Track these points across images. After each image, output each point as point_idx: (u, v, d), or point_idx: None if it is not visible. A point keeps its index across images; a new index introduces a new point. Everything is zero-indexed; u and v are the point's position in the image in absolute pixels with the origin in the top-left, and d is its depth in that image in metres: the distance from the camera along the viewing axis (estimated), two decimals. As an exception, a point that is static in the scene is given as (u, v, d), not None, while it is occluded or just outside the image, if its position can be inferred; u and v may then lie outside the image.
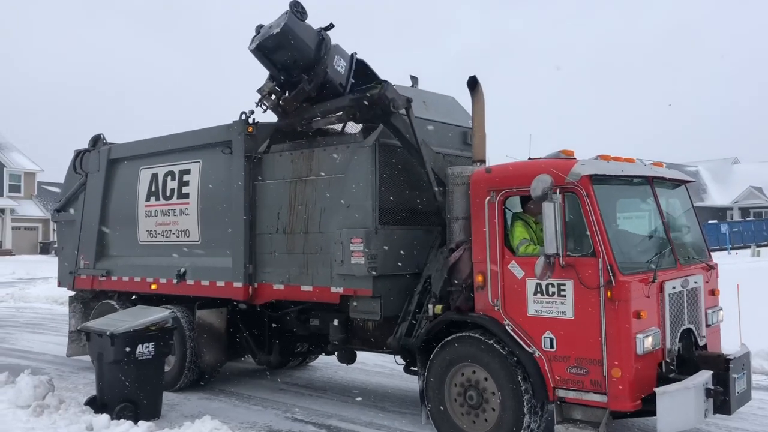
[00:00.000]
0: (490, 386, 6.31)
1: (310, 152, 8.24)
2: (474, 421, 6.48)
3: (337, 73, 8.05)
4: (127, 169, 10.38)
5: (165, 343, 8.14)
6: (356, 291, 7.58)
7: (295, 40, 7.69)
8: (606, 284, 5.72)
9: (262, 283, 8.62)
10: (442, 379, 6.64)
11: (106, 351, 7.78)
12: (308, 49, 7.79)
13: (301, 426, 7.71)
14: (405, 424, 7.66)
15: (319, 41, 7.89)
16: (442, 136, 8.43)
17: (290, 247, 8.31)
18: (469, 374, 6.48)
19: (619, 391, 5.67)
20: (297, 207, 8.27)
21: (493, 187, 6.42)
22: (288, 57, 7.84)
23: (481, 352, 6.35)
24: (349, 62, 8.24)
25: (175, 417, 7.94)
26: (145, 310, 8.68)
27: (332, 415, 8.10)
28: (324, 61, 7.86)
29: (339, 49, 8.14)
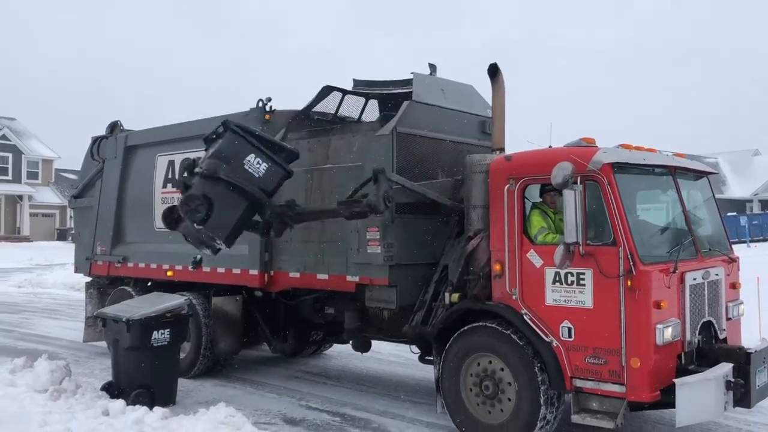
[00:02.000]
0: (507, 377, 6.27)
1: (327, 140, 8.21)
2: (489, 411, 6.45)
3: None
4: (144, 156, 10.40)
5: (180, 329, 8.14)
6: (372, 280, 7.55)
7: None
8: (626, 273, 5.65)
9: (278, 271, 8.62)
10: (457, 368, 6.60)
11: (122, 337, 7.81)
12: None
13: (315, 414, 7.73)
14: (419, 413, 7.65)
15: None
16: (460, 124, 8.36)
17: (306, 235, 8.29)
18: (485, 364, 6.43)
19: (638, 381, 5.61)
20: (314, 195, 8.24)
21: (513, 175, 6.36)
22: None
23: (498, 343, 6.31)
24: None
25: (190, 403, 7.97)
26: (161, 297, 8.70)
27: (346, 404, 8.11)
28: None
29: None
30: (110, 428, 6.65)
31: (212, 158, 6.79)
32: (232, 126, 6.84)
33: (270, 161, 6.83)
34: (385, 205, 6.69)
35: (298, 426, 7.32)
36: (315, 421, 7.46)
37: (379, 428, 7.21)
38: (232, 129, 6.80)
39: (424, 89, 8.06)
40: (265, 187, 6.82)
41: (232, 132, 6.80)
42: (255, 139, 6.83)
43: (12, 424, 6.65)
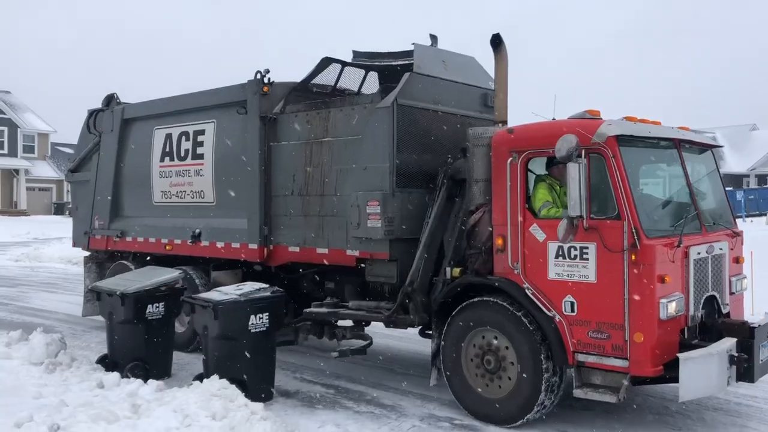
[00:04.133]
0: (509, 353, 6.23)
1: (326, 113, 8.08)
2: (488, 384, 6.43)
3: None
4: (141, 129, 10.28)
5: (175, 303, 8.06)
6: (372, 254, 7.49)
7: None
8: (630, 247, 5.59)
9: (277, 245, 8.55)
10: (459, 341, 6.57)
11: (117, 311, 7.79)
12: None
13: (309, 386, 7.76)
14: (412, 386, 7.68)
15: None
16: (462, 97, 8.24)
17: (306, 209, 8.21)
18: (489, 339, 6.39)
19: (641, 356, 5.58)
20: (313, 169, 8.14)
21: (515, 148, 6.27)
22: None
23: (500, 317, 6.27)
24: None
25: (185, 376, 7.94)
26: (155, 271, 8.68)
27: (341, 376, 8.16)
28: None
29: None
30: (105, 400, 6.65)
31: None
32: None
33: None
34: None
35: (292, 398, 7.33)
36: (309, 393, 7.48)
37: (373, 400, 7.24)
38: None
39: (425, 60, 7.92)
40: None
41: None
42: None
43: (7, 396, 6.68)
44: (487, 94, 8.49)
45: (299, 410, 6.90)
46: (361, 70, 9.35)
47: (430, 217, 7.24)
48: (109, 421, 5.85)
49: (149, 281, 8.00)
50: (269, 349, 7.24)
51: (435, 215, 7.17)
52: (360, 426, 6.43)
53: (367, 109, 7.65)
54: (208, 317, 6.92)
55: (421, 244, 7.14)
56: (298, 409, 6.93)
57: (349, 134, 7.78)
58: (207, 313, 6.94)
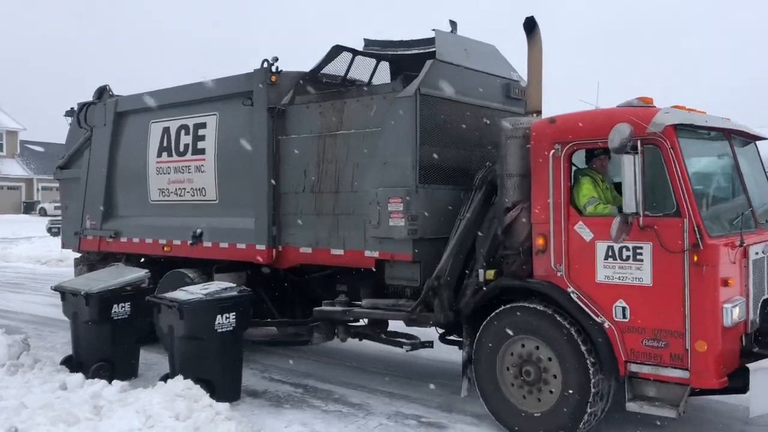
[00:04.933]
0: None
1: (341, 103, 7.52)
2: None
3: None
4: (136, 123, 9.66)
5: (142, 303, 7.79)
6: (393, 255, 6.95)
7: None
8: (692, 248, 5.09)
9: (287, 246, 7.98)
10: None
11: (81, 311, 7.66)
12: None
13: (277, 386, 7.65)
14: (382, 384, 7.57)
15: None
16: (484, 87, 7.72)
17: (319, 207, 7.65)
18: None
19: (704, 366, 5.08)
20: (326, 164, 7.58)
21: (559, 139, 5.74)
22: None
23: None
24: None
25: (152, 376, 7.71)
26: (122, 270, 8.52)
27: (310, 375, 8.04)
28: None
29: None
30: (66, 402, 6.42)
31: None
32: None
33: None
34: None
35: (260, 398, 7.19)
36: (277, 393, 7.37)
37: (341, 399, 7.15)
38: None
39: (447, 48, 7.39)
40: None
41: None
42: None
43: (-35, 400, 6.43)
44: (509, 85, 8.00)
45: (266, 410, 6.80)
46: (373, 59, 8.81)
47: (465, 215, 6.73)
48: (69, 423, 5.73)
49: (115, 281, 7.88)
50: (236, 348, 7.15)
51: (472, 215, 6.67)
52: (327, 425, 6.37)
53: (386, 99, 7.11)
54: (173, 317, 6.85)
55: (453, 241, 6.63)
56: (265, 409, 6.83)
57: (366, 126, 7.23)
58: (172, 313, 6.86)
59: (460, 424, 6.35)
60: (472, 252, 6.77)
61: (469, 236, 6.74)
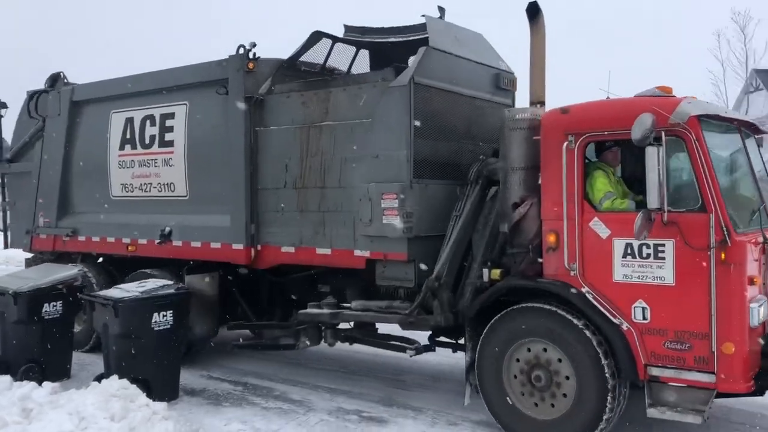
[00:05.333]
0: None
1: (326, 93, 7.05)
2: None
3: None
4: (95, 113, 8.95)
5: (74, 301, 7.65)
6: (387, 255, 6.54)
7: None
8: (718, 245, 4.84)
9: (266, 245, 7.47)
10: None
11: (9, 310, 7.36)
12: None
13: (216, 384, 7.56)
14: (322, 380, 7.57)
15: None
16: (474, 77, 7.37)
17: (302, 204, 7.16)
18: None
19: (732, 369, 4.85)
20: (310, 158, 7.10)
21: (572, 131, 5.41)
22: None
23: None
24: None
25: (86, 377, 7.44)
26: (53, 268, 8.21)
27: (249, 373, 7.95)
28: None
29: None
30: None
31: None
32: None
33: None
34: None
35: (198, 396, 7.10)
36: (216, 391, 7.28)
37: (282, 396, 7.11)
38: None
39: (439, 35, 7.00)
40: None
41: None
42: None
43: None
44: (499, 75, 7.69)
45: (205, 408, 6.73)
46: (353, 47, 8.36)
47: (462, 212, 6.39)
48: (-5, 427, 5.52)
49: (45, 279, 7.57)
50: (174, 347, 6.96)
51: (468, 211, 6.33)
52: (267, 422, 6.31)
53: (377, 88, 6.67)
54: (108, 315, 6.69)
55: (451, 239, 6.27)
56: (203, 407, 6.75)
57: (355, 117, 6.79)
58: (107, 311, 6.70)
59: (400, 417, 6.38)
60: (468, 250, 6.44)
61: (467, 234, 6.40)
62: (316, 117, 7.09)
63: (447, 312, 6.15)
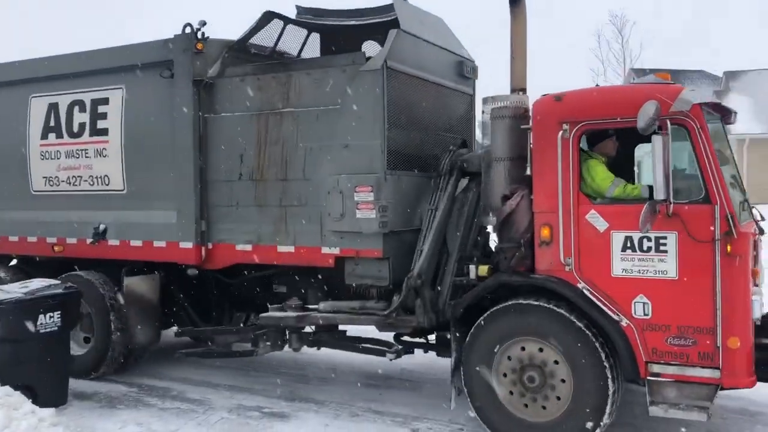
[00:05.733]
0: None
1: (286, 77, 6.51)
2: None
3: None
4: (11, 98, 7.99)
5: None
6: (359, 252, 6.10)
7: None
8: (724, 236, 4.71)
9: (219, 244, 6.85)
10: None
11: None
12: None
13: (110, 386, 7.19)
14: (224, 378, 7.39)
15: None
16: (440, 64, 7.04)
17: (261, 197, 6.61)
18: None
19: (737, 364, 4.73)
20: (270, 147, 6.56)
21: (567, 119, 5.15)
22: None
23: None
24: None
25: None
26: None
27: (145, 374, 7.60)
28: None
29: None
30: None
31: None
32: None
33: None
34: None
35: (90, 400, 6.80)
36: (110, 394, 6.99)
37: (179, 395, 6.92)
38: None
39: (408, 18, 6.61)
40: None
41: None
42: None
43: None
44: (462, 63, 7.40)
45: (97, 412, 6.47)
46: (304, 29, 7.83)
47: (438, 206, 6.03)
48: None
49: None
50: (61, 350, 6.52)
51: (445, 205, 5.98)
52: (164, 423, 6.15)
53: (346, 72, 6.21)
54: None
55: (431, 234, 5.92)
56: (96, 411, 6.49)
57: (321, 104, 6.30)
58: None
59: (302, 411, 6.34)
60: (444, 246, 6.11)
61: (442, 230, 6.07)
62: (275, 102, 6.54)
63: (430, 312, 5.79)
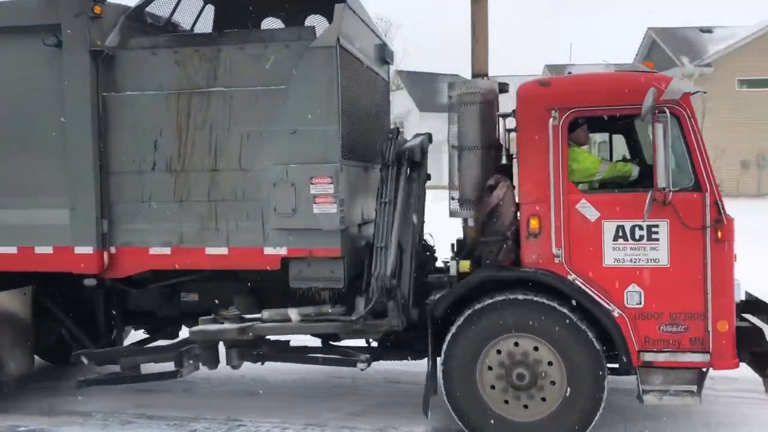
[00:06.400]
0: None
1: (213, 51, 5.62)
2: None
3: None
4: None
5: None
6: (313, 251, 5.43)
7: None
8: (714, 223, 4.81)
9: (126, 247, 5.75)
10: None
11: None
12: None
13: None
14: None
15: None
16: (369, 46, 6.56)
17: (182, 191, 5.66)
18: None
19: (725, 347, 4.85)
20: (194, 132, 5.63)
21: (556, 105, 4.94)
22: None
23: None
24: None
25: None
26: None
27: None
28: None
29: None
30: None
31: None
32: None
33: None
34: None
35: None
36: None
37: None
38: None
39: None
40: None
41: None
42: None
43: None
44: (384, 47, 6.99)
45: None
46: (200, 2, 6.90)
47: (392, 199, 5.53)
48: None
49: None
50: None
51: (403, 196, 5.51)
52: None
53: (291, 48, 5.49)
54: None
55: (394, 230, 5.40)
56: None
57: (260, 83, 5.53)
58: None
59: (66, 426, 5.85)
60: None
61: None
62: (199, 81, 5.62)
63: (402, 315, 5.28)
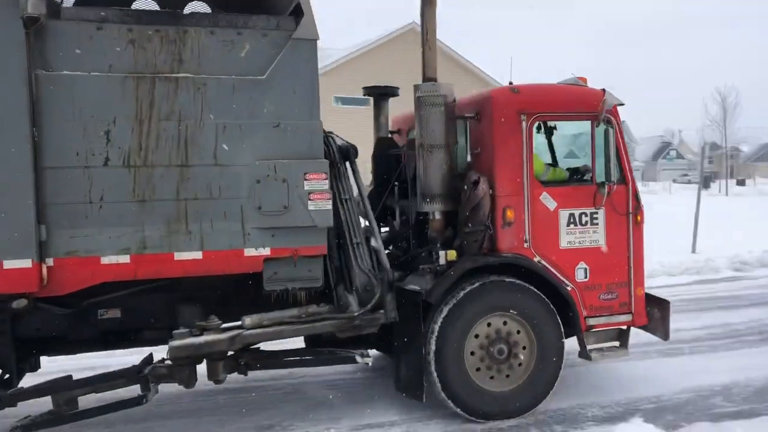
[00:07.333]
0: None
1: (178, 32, 5.04)
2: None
3: None
4: None
5: None
6: (298, 250, 5.25)
7: None
8: (634, 210, 6.02)
9: (70, 258, 4.80)
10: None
11: None
12: None
13: None
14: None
15: None
16: None
17: (143, 190, 4.95)
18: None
19: (641, 308, 6.10)
20: (158, 123, 4.96)
21: (525, 110, 5.64)
22: None
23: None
24: None
25: None
26: None
27: None
28: None
29: None
30: None
31: None
32: None
33: None
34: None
35: None
36: None
37: None
38: None
39: None
40: None
41: None
42: None
43: None
44: None
45: None
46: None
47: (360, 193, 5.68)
48: None
49: None
50: None
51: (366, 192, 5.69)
52: None
53: (269, 38, 5.21)
54: None
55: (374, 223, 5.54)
56: None
57: (236, 72, 5.15)
58: None
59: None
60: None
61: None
62: (160, 64, 4.98)
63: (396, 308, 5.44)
